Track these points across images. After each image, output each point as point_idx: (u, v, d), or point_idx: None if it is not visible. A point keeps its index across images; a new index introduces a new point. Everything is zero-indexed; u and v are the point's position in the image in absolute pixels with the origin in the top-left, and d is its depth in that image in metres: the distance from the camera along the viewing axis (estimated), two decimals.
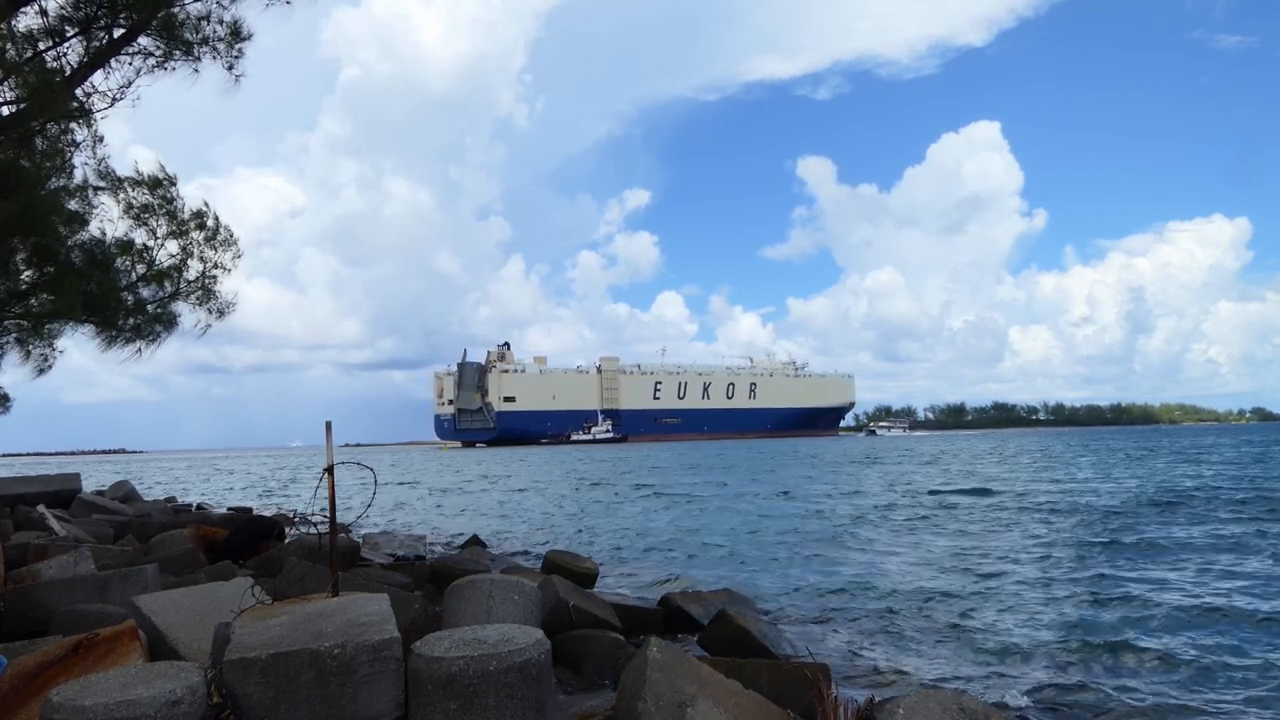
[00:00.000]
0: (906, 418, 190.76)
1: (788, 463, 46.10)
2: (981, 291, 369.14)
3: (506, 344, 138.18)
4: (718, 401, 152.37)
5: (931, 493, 22.01)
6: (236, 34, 7.64)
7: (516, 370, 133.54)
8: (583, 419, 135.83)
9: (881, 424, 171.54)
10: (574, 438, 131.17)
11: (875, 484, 26.85)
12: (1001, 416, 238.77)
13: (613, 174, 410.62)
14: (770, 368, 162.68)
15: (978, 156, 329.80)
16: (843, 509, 18.78)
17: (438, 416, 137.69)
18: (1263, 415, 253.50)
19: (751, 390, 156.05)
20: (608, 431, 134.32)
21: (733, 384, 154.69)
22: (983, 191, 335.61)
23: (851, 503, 20.33)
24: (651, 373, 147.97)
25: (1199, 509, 16.44)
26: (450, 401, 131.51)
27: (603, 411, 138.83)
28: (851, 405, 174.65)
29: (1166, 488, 20.85)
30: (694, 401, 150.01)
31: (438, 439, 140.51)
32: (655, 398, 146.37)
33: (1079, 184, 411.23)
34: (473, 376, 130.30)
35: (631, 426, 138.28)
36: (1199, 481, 23.02)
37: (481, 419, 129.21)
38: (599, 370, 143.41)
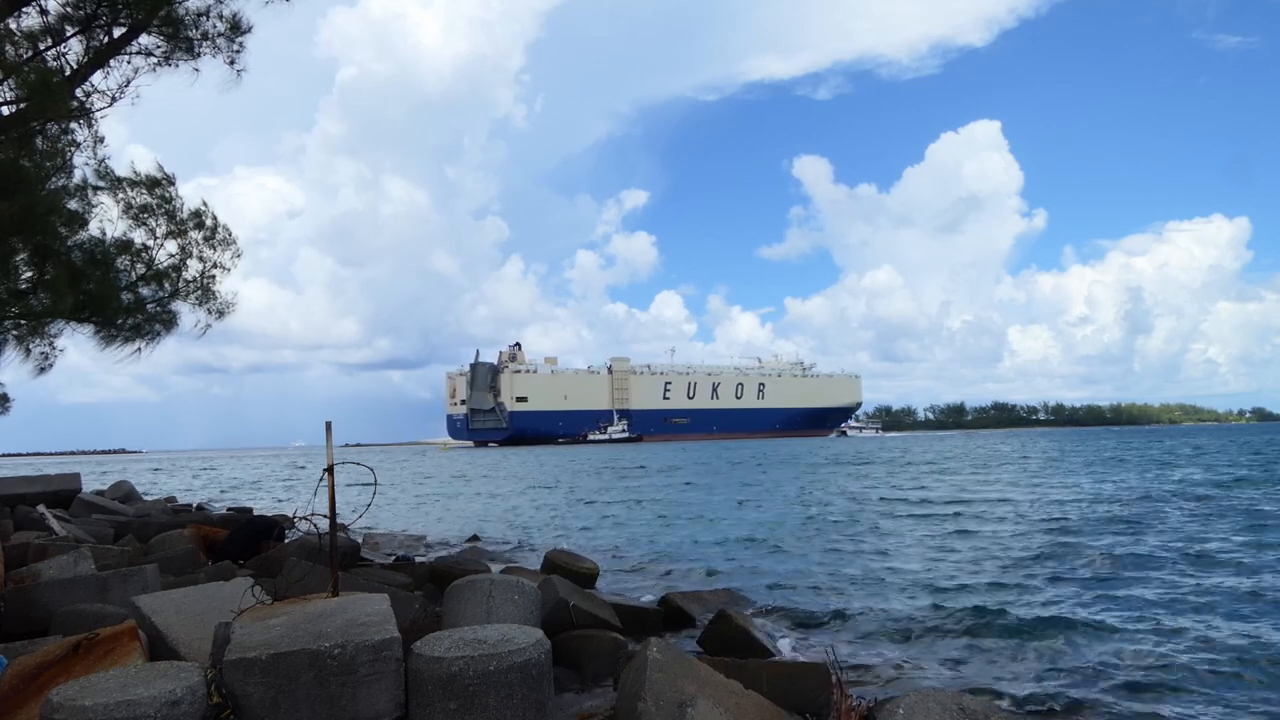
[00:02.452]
0: (879, 419, 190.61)
1: (785, 464, 46.09)
2: (980, 291, 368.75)
3: (518, 344, 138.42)
4: (726, 401, 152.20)
5: (922, 501, 21.84)
6: (236, 28, 7.63)
7: (528, 370, 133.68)
8: (594, 419, 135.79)
9: (852, 425, 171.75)
10: (590, 437, 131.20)
11: (859, 486, 26.77)
12: (1002, 416, 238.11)
13: (611, 174, 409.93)
14: (778, 368, 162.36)
15: (977, 156, 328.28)
16: (838, 511, 18.73)
17: (450, 416, 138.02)
18: (1262, 415, 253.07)
19: (760, 390, 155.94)
20: (623, 431, 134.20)
21: (741, 384, 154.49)
22: (982, 191, 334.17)
23: (846, 505, 20.29)
24: (661, 373, 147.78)
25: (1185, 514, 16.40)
26: (463, 402, 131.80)
27: (615, 412, 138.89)
28: (859, 405, 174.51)
29: (1137, 492, 20.66)
30: (703, 401, 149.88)
31: (449, 438, 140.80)
32: (665, 398, 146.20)
33: (1079, 184, 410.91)
34: (485, 377, 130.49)
35: (642, 426, 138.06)
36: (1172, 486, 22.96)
37: (494, 419, 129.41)
38: (610, 370, 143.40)
